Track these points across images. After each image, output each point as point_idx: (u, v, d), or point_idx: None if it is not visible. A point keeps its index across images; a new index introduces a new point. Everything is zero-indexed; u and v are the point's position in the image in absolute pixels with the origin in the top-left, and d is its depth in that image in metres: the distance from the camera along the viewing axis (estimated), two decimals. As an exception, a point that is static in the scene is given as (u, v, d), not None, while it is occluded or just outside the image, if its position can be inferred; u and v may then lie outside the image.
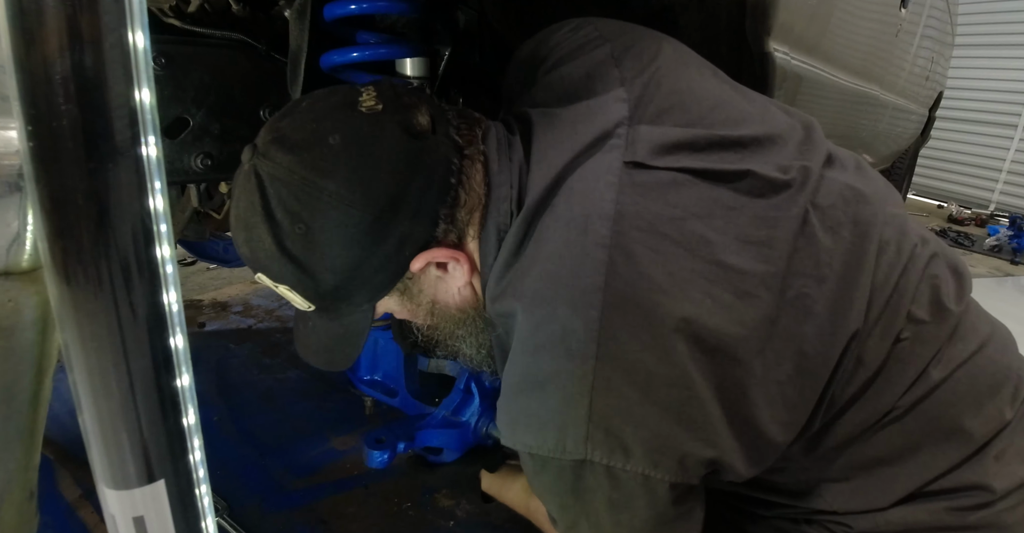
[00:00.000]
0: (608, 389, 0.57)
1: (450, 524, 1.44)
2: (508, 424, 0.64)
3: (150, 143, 0.42)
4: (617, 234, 0.59)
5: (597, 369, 0.57)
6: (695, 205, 0.62)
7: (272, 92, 0.97)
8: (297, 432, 1.76)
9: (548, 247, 0.62)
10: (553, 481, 0.63)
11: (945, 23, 2.91)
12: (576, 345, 0.58)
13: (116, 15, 0.38)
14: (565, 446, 0.59)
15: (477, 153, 0.67)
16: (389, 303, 0.72)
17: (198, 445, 0.50)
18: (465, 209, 0.66)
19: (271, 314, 2.56)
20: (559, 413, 0.59)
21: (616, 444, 0.58)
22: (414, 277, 0.69)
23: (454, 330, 0.76)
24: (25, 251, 0.57)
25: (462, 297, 0.73)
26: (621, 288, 0.58)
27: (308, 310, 0.70)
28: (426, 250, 0.65)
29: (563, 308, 0.59)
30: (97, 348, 0.43)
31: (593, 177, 0.63)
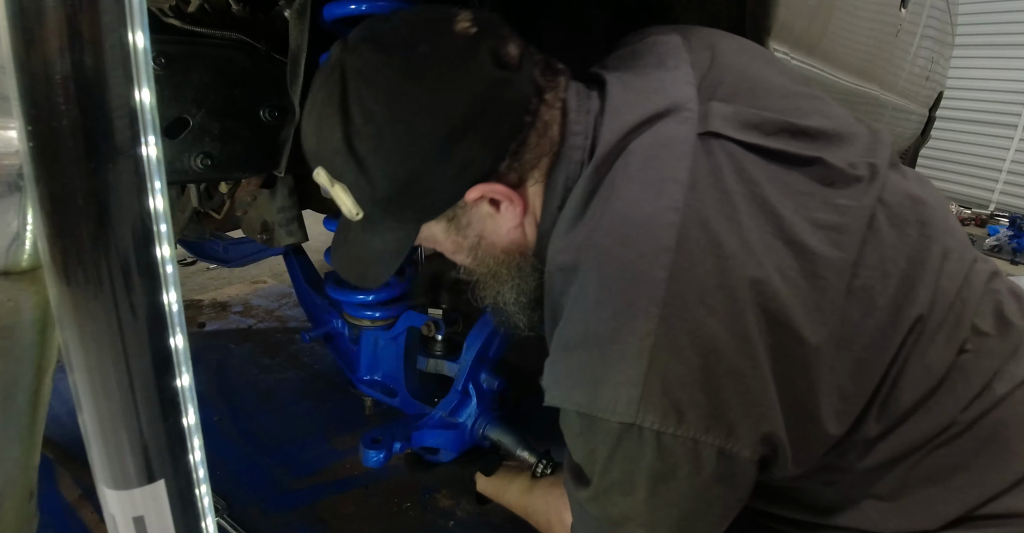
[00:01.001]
0: (669, 351, 0.56)
1: (450, 524, 1.44)
2: (557, 380, 0.62)
3: (150, 143, 0.42)
4: (690, 200, 0.59)
5: (660, 330, 0.56)
6: (767, 182, 0.62)
7: (272, 92, 0.97)
8: (297, 432, 1.76)
9: (619, 205, 0.61)
10: (595, 443, 0.61)
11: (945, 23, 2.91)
12: (641, 304, 0.56)
13: (116, 15, 0.38)
14: (616, 406, 0.57)
15: (556, 100, 0.66)
16: (435, 230, 0.71)
17: (198, 445, 0.50)
18: (533, 152, 0.65)
19: (271, 314, 2.56)
20: (616, 371, 0.57)
21: (670, 407, 0.56)
22: (466, 208, 0.68)
23: (497, 270, 0.75)
24: (25, 251, 0.57)
25: (510, 239, 0.72)
26: (692, 251, 0.57)
27: (355, 218, 0.69)
28: (485, 182, 0.65)
29: (630, 267, 0.58)
30: (97, 348, 0.43)
31: (667, 142, 0.62)
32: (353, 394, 1.37)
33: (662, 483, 0.59)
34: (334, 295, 1.22)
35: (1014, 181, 5.29)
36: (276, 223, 1.28)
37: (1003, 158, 5.32)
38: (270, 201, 1.27)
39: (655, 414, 0.56)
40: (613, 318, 0.58)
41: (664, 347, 0.56)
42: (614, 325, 0.58)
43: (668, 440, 0.57)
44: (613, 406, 0.57)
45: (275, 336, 2.36)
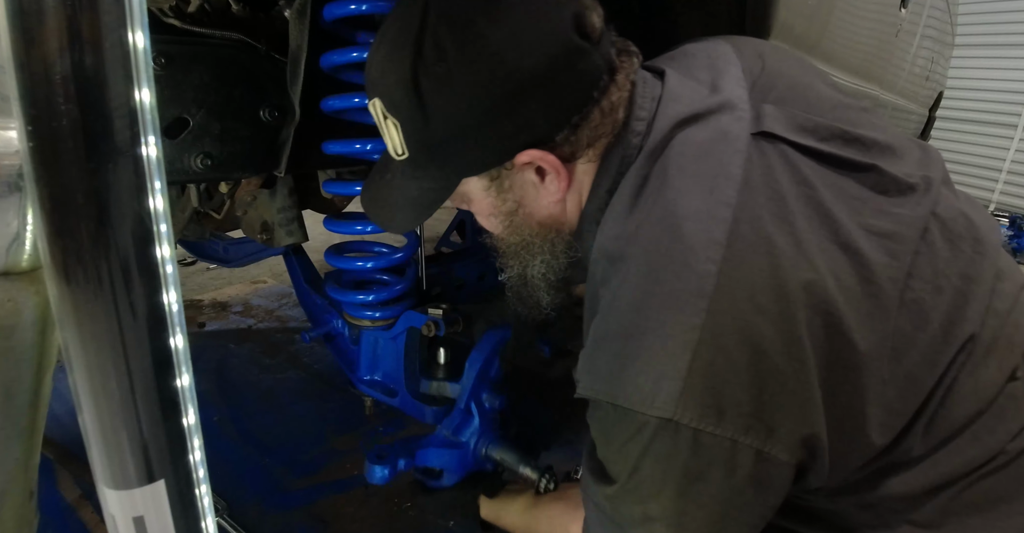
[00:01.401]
0: (714, 347, 0.54)
1: (450, 524, 1.44)
2: (593, 370, 0.60)
3: (150, 143, 0.42)
4: (743, 197, 0.58)
5: (707, 325, 0.54)
6: (821, 185, 0.61)
7: (272, 92, 0.97)
8: (297, 432, 1.76)
9: (671, 196, 0.60)
10: (627, 438, 0.58)
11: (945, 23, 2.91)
12: (687, 298, 0.55)
13: (116, 15, 0.38)
14: (655, 400, 0.54)
15: (626, 82, 0.65)
16: (474, 187, 0.69)
17: (198, 445, 0.50)
18: (592, 130, 0.64)
19: (271, 314, 2.56)
20: (657, 363, 0.55)
21: (711, 405, 0.54)
22: (511, 171, 0.66)
23: (531, 241, 0.73)
24: (25, 251, 0.57)
25: (548, 213, 0.70)
26: (743, 248, 0.56)
27: (398, 159, 0.67)
28: (537, 148, 0.63)
29: (679, 259, 0.56)
30: (97, 348, 0.43)
31: (721, 137, 0.62)
32: (353, 394, 1.37)
33: (694, 483, 0.57)
34: (334, 295, 1.22)
35: (1014, 181, 5.29)
36: (276, 223, 1.29)
37: (1003, 158, 5.32)
38: (270, 201, 1.27)
39: (695, 411, 0.54)
40: (658, 310, 0.56)
41: (709, 343, 0.54)
42: (658, 317, 0.56)
43: (706, 439, 0.55)
44: (651, 400, 0.55)
45: (275, 336, 2.36)
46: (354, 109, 0.99)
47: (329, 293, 1.23)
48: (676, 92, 0.66)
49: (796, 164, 0.62)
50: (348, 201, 1.46)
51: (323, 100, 0.97)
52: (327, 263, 1.19)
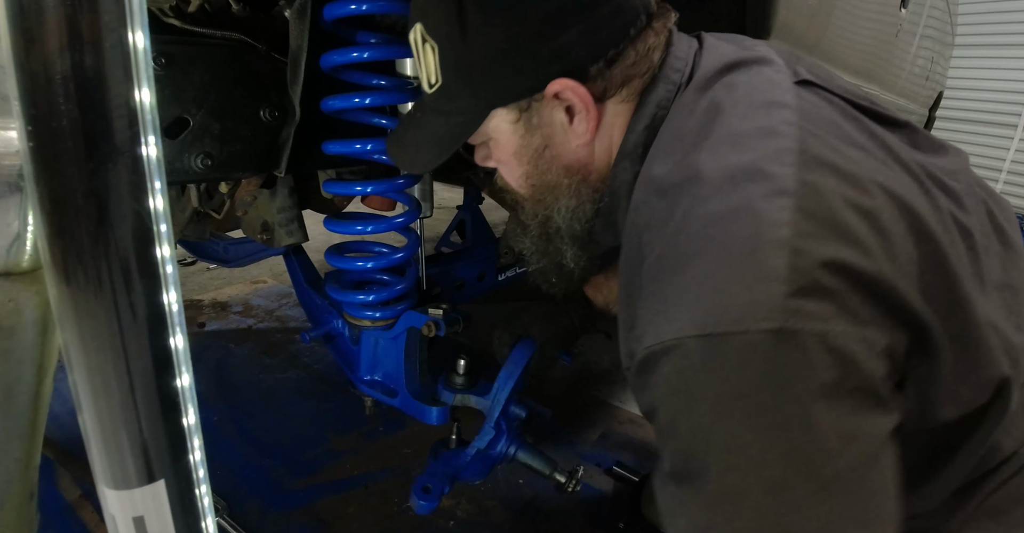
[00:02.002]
0: (811, 238, 0.47)
1: (450, 524, 1.44)
2: (661, 309, 0.51)
3: (150, 143, 0.42)
4: (803, 121, 0.56)
5: (796, 219, 0.48)
6: (862, 132, 0.59)
7: (272, 92, 0.97)
8: (297, 432, 1.76)
9: (731, 121, 0.57)
10: (735, 378, 0.47)
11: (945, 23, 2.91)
12: (766, 201, 0.49)
13: (116, 15, 0.38)
14: (758, 309, 0.46)
15: (663, 29, 0.65)
16: (502, 121, 0.67)
17: (198, 445, 0.50)
18: (626, 68, 0.63)
19: (271, 314, 2.56)
20: (750, 268, 0.47)
21: (828, 299, 0.47)
22: (541, 103, 0.65)
23: (557, 182, 0.70)
24: (25, 251, 0.57)
25: (575, 157, 0.68)
26: (816, 154, 0.52)
27: (429, 92, 0.68)
28: (570, 78, 0.62)
29: (753, 169, 0.52)
30: (97, 348, 0.43)
31: (768, 79, 0.61)
32: (353, 394, 1.37)
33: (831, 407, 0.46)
34: (334, 295, 1.22)
35: (1014, 181, 5.29)
36: (276, 223, 1.28)
37: (1003, 158, 5.32)
38: (270, 201, 1.27)
39: (806, 311, 0.46)
40: (735, 216, 0.49)
41: (804, 235, 0.48)
42: (737, 225, 0.49)
43: (832, 341, 0.46)
44: (753, 310, 0.46)
45: (275, 336, 2.36)
46: (354, 109, 0.99)
47: (329, 293, 1.23)
48: (714, 46, 0.67)
49: (842, 106, 0.61)
50: (348, 201, 1.46)
51: (323, 100, 0.97)
52: (327, 263, 1.19)
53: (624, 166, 0.66)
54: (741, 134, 0.55)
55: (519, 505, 1.50)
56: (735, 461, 0.48)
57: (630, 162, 0.66)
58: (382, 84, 1.00)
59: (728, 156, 0.54)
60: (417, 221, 1.19)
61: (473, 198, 3.10)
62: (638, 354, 0.53)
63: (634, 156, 0.65)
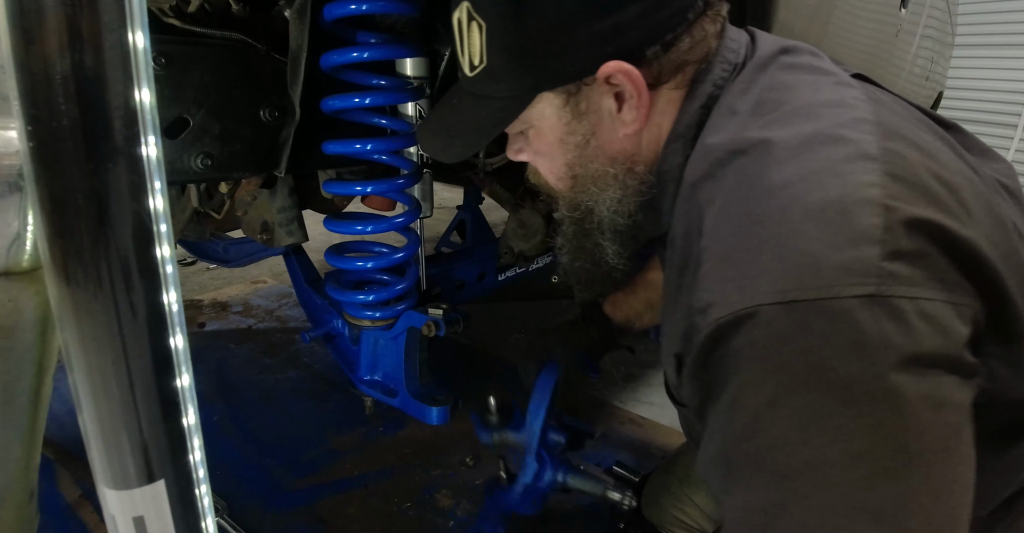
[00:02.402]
0: (902, 199, 0.45)
1: (450, 524, 1.44)
2: (732, 272, 0.48)
3: (150, 143, 0.42)
4: (871, 99, 0.55)
5: (884, 181, 0.46)
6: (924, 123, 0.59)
7: (272, 92, 0.97)
8: (297, 432, 1.76)
9: (798, 94, 0.56)
10: (821, 349, 0.44)
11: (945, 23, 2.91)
12: (851, 163, 0.47)
13: (116, 15, 0.38)
14: (851, 272, 0.43)
15: (718, 18, 0.62)
16: (548, 106, 0.64)
17: (198, 445, 0.50)
18: (681, 54, 0.60)
19: (271, 314, 2.56)
20: (839, 228, 0.44)
21: (918, 258, 0.44)
22: (592, 88, 0.61)
23: (603, 171, 0.66)
24: (25, 251, 0.57)
25: (621, 147, 0.65)
26: (892, 126, 0.51)
27: (471, 75, 0.64)
28: (626, 60, 0.58)
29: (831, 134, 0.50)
30: (97, 348, 0.43)
31: (827, 64, 0.62)
32: (353, 394, 1.37)
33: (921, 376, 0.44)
34: (334, 295, 1.22)
35: (1014, 181, 5.30)
36: (276, 223, 1.29)
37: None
38: (270, 201, 1.27)
39: (901, 275, 0.43)
40: (818, 178, 0.47)
41: (894, 196, 0.45)
42: (820, 187, 0.46)
43: (925, 307, 0.44)
44: (843, 274, 0.43)
45: (275, 336, 2.36)
46: (354, 109, 0.99)
47: (329, 293, 1.23)
48: (764, 35, 0.66)
49: (896, 99, 0.60)
50: (348, 201, 1.46)
51: (323, 100, 0.97)
52: (327, 263, 1.19)
53: (675, 148, 0.63)
54: (812, 105, 0.53)
55: (519, 505, 1.50)
56: (814, 434, 0.44)
57: (681, 144, 0.63)
58: (382, 84, 1.00)
59: (800, 124, 0.52)
60: (417, 221, 1.19)
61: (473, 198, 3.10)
62: (703, 330, 0.49)
63: (686, 137, 0.62)
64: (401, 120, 1.08)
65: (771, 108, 0.55)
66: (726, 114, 0.59)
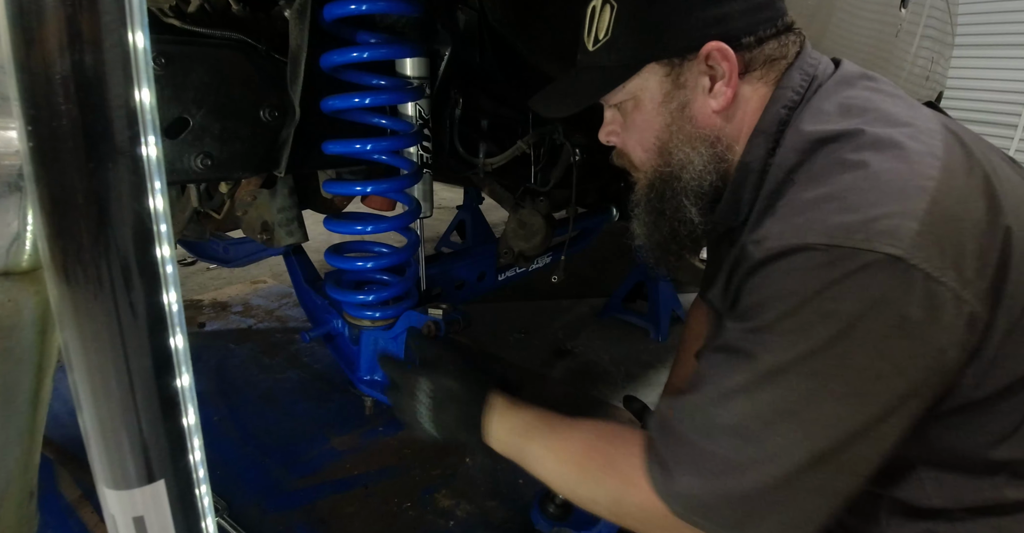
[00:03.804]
0: (953, 196, 0.55)
1: (450, 524, 1.44)
2: (798, 222, 0.57)
3: (150, 143, 0.42)
4: (944, 120, 0.66)
5: (942, 177, 0.56)
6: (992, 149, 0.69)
7: (272, 92, 0.97)
8: (297, 432, 1.76)
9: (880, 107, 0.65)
10: (833, 281, 0.54)
11: (945, 23, 2.91)
12: (922, 158, 0.57)
13: (116, 15, 0.38)
14: (890, 236, 0.52)
15: (798, 38, 0.74)
16: (653, 77, 0.73)
17: (198, 445, 0.50)
18: (769, 51, 0.71)
19: (271, 314, 2.56)
20: (891, 199, 0.54)
21: (947, 252, 0.53)
22: (692, 63, 0.71)
23: (695, 135, 0.75)
24: (25, 251, 0.57)
25: (709, 122, 0.74)
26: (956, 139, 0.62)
27: (592, 47, 0.76)
28: (726, 42, 0.68)
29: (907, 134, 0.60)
30: (97, 348, 0.43)
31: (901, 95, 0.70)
32: (353, 394, 1.37)
33: (905, 340, 0.53)
34: (334, 295, 1.22)
35: (1014, 181, 5.29)
36: (276, 223, 1.28)
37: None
38: (270, 201, 1.27)
39: (929, 252, 0.52)
40: (891, 160, 0.57)
41: (946, 192, 0.55)
42: (891, 165, 0.57)
43: (934, 287, 0.53)
44: (883, 234, 0.52)
45: (275, 336, 2.36)
46: (354, 109, 0.99)
47: (329, 293, 1.23)
48: (850, 63, 0.75)
49: (961, 124, 0.69)
50: (348, 201, 1.46)
51: (323, 100, 0.97)
52: (327, 263, 1.19)
53: (758, 142, 0.72)
54: (893, 114, 0.63)
55: (519, 505, 1.50)
56: (798, 346, 0.55)
57: (765, 138, 0.71)
58: (382, 84, 1.00)
59: (884, 127, 0.61)
60: (417, 221, 1.19)
61: (473, 198, 3.10)
62: (755, 255, 0.59)
63: (769, 133, 0.71)
64: (401, 120, 1.08)
65: (857, 113, 0.64)
66: (815, 113, 0.67)
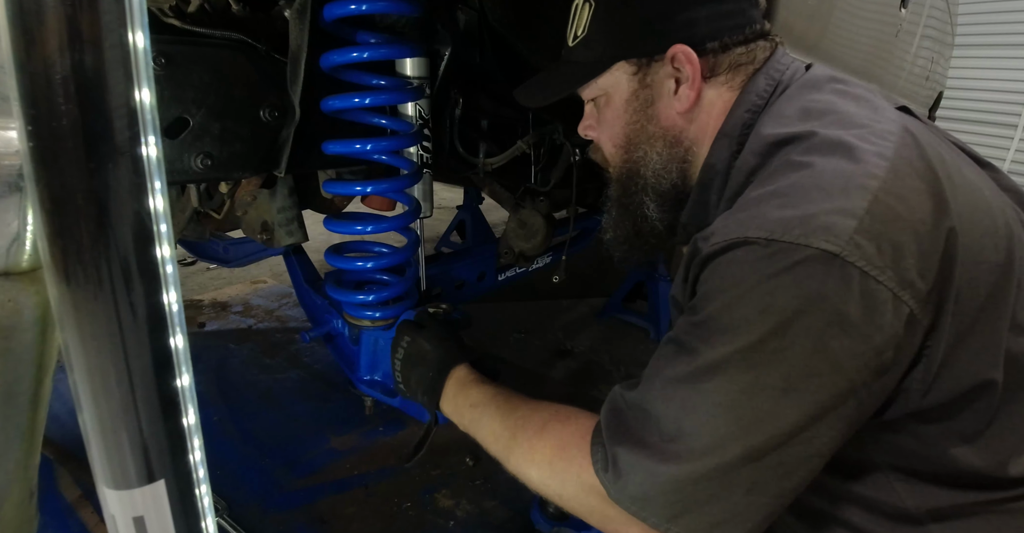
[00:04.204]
0: (895, 195, 0.55)
1: (450, 524, 1.44)
2: (742, 218, 0.59)
3: (150, 143, 0.42)
4: (905, 122, 0.65)
5: (887, 177, 0.56)
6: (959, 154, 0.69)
7: (272, 92, 0.97)
8: (297, 432, 1.76)
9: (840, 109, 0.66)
10: (770, 274, 0.54)
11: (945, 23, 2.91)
12: (870, 158, 0.57)
13: (116, 15, 0.38)
14: (826, 233, 0.53)
15: (770, 45, 0.76)
16: (621, 74, 0.78)
17: (198, 445, 0.50)
18: (735, 57, 0.74)
19: (271, 314, 2.56)
20: (831, 201, 0.55)
21: (884, 250, 0.53)
22: (658, 65, 0.75)
23: (655, 133, 0.78)
24: (25, 251, 0.57)
25: (672, 122, 0.77)
26: (912, 142, 0.61)
27: (571, 44, 0.81)
28: (692, 46, 0.72)
29: (859, 135, 0.61)
30: (97, 348, 0.43)
31: (873, 95, 0.71)
32: (353, 394, 1.37)
33: (842, 337, 0.53)
34: (334, 295, 1.22)
35: (1014, 181, 5.29)
36: (276, 223, 1.29)
37: (1003, 158, 5.32)
38: (270, 201, 1.27)
39: (865, 250, 0.53)
40: (837, 158, 0.58)
41: (889, 191, 0.55)
42: (835, 164, 0.58)
43: (871, 284, 0.53)
44: (821, 232, 0.53)
45: (275, 336, 2.36)
46: (354, 109, 0.99)
47: (329, 293, 1.23)
48: (822, 67, 0.76)
49: (932, 127, 0.70)
50: (348, 201, 1.46)
51: (323, 100, 0.97)
52: (327, 263, 1.19)
53: (722, 144, 0.74)
54: (851, 116, 0.64)
55: (519, 505, 1.50)
56: (737, 340, 0.55)
57: (728, 141, 0.73)
58: (382, 84, 1.00)
59: (838, 129, 0.62)
60: (417, 221, 1.19)
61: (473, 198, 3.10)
62: (702, 252, 0.60)
63: (733, 135, 0.73)
64: (401, 120, 1.08)
65: (816, 116, 0.66)
66: (776, 117, 0.69)
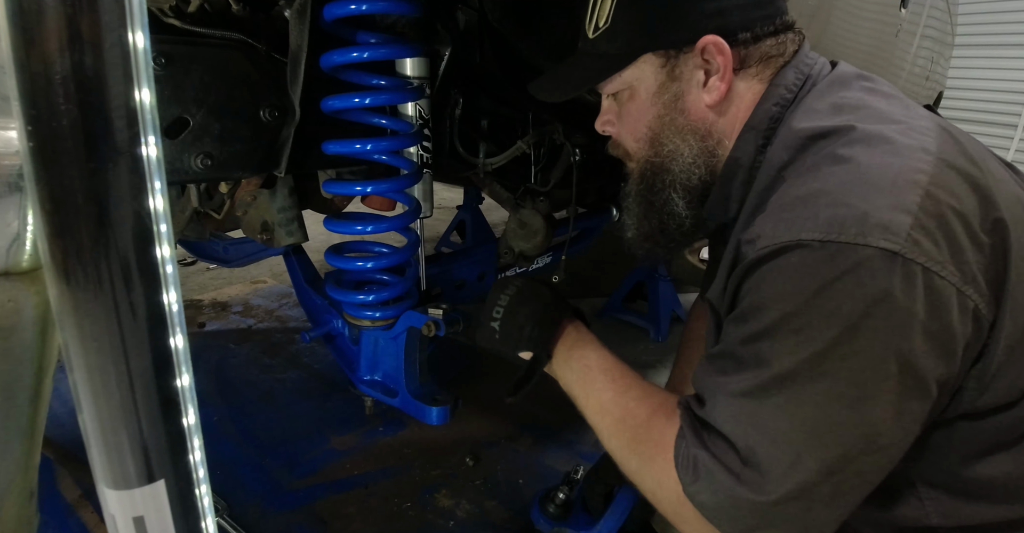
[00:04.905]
0: (944, 189, 0.54)
1: (450, 524, 1.44)
2: (791, 214, 0.56)
3: (150, 143, 0.42)
4: (940, 121, 0.64)
5: (935, 171, 0.55)
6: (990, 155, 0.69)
7: (272, 92, 0.97)
8: (297, 432, 1.76)
9: (875, 106, 0.64)
10: (832, 278, 0.52)
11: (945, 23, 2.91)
12: (914, 152, 0.56)
13: (116, 15, 0.38)
14: (885, 230, 0.51)
15: (798, 37, 0.74)
16: (648, 67, 0.74)
17: (198, 445, 0.50)
18: (766, 48, 0.71)
19: (271, 314, 2.56)
20: (882, 193, 0.53)
21: (944, 241, 0.52)
22: (687, 56, 0.71)
23: (686, 126, 0.74)
24: (25, 251, 0.57)
25: (701, 115, 0.74)
26: (950, 137, 0.60)
27: (592, 34, 0.76)
28: (723, 36, 0.68)
29: (900, 130, 0.59)
30: (97, 348, 0.43)
31: (897, 95, 0.69)
32: (353, 394, 1.37)
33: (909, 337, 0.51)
34: (334, 295, 1.22)
35: (1014, 181, 5.29)
36: (276, 223, 1.28)
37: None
38: (270, 201, 1.27)
39: (924, 247, 0.51)
40: (882, 155, 0.56)
41: (939, 185, 0.54)
42: (882, 160, 0.55)
43: (935, 282, 0.51)
44: (875, 231, 0.51)
45: (275, 336, 2.36)
46: (354, 109, 0.99)
47: (329, 293, 1.23)
48: (848, 65, 0.74)
49: (968, 134, 0.68)
50: (348, 201, 1.46)
51: (323, 100, 0.97)
52: (327, 263, 1.19)
53: (748, 138, 0.71)
54: (885, 112, 0.62)
55: (519, 505, 1.50)
56: (803, 350, 0.53)
57: (754, 134, 0.71)
58: (382, 84, 1.00)
59: (876, 124, 0.60)
60: (417, 221, 1.19)
61: (473, 198, 3.10)
62: (748, 256, 0.58)
63: (760, 129, 0.70)
64: (401, 120, 1.08)
65: (849, 111, 0.64)
66: (807, 111, 0.67)
